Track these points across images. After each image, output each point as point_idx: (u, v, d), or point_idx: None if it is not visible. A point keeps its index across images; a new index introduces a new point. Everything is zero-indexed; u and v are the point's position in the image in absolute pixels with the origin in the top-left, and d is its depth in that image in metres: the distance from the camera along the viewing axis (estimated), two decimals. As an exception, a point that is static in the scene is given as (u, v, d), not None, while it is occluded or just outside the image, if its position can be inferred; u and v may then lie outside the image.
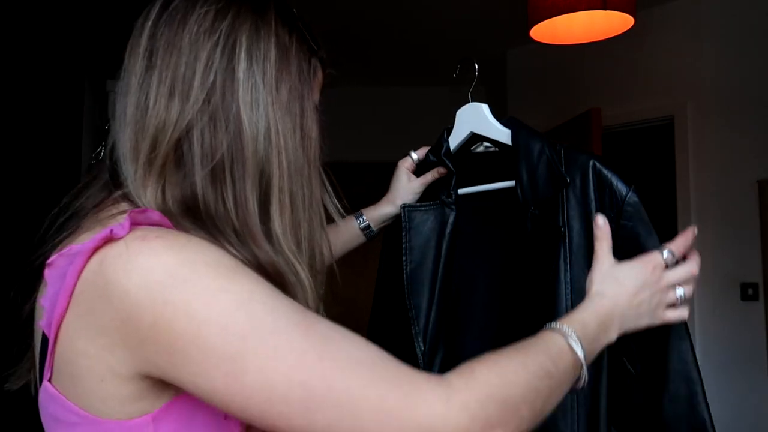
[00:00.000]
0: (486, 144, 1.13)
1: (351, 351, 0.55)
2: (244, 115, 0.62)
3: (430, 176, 1.14)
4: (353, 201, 1.12)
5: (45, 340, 0.58)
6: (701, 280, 3.57)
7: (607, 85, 3.66)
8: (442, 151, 1.12)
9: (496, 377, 0.58)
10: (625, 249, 0.87)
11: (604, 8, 1.78)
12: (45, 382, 0.58)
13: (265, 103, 0.63)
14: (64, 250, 0.58)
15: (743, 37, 3.14)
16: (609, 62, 3.65)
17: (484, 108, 1.12)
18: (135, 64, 0.64)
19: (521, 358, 0.63)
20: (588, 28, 2.04)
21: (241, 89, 0.63)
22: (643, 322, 0.79)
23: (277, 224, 0.63)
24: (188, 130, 0.62)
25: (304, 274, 0.64)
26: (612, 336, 0.75)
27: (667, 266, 0.83)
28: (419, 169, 1.17)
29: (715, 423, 0.93)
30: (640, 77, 3.52)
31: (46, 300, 0.58)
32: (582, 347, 0.68)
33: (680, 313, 0.82)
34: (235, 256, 0.58)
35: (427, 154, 1.16)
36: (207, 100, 0.62)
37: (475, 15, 3.64)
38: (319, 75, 0.73)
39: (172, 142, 0.61)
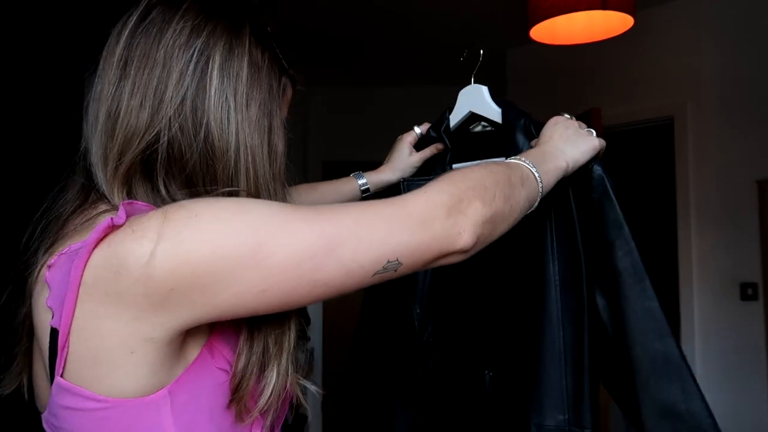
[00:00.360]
0: (483, 123, 1.19)
1: (341, 205, 0.67)
2: (215, 131, 0.65)
3: (428, 152, 1.22)
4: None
5: (53, 339, 0.60)
6: (701, 280, 3.57)
7: (607, 85, 3.66)
8: (442, 127, 1.20)
9: (458, 174, 0.76)
10: (595, 217, 1.01)
11: (604, 8, 1.79)
12: (57, 378, 0.60)
13: (236, 120, 0.66)
14: (64, 250, 0.61)
15: (743, 37, 3.14)
16: (609, 62, 3.65)
17: (484, 89, 1.21)
18: (109, 71, 0.66)
19: (479, 166, 0.80)
20: (588, 28, 2.04)
21: (212, 105, 0.65)
22: (579, 148, 0.96)
23: None
24: (156, 140, 0.64)
25: None
26: (561, 163, 0.92)
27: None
28: (420, 144, 1.25)
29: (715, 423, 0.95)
30: (640, 77, 3.52)
31: (51, 300, 0.60)
32: (533, 165, 0.86)
33: (598, 141, 1.00)
34: None
35: (428, 130, 1.24)
36: (177, 114, 0.64)
37: (475, 15, 3.64)
38: (289, 93, 0.77)
39: (138, 151, 0.64)
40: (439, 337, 1.16)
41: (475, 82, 1.26)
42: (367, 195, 1.25)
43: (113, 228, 0.59)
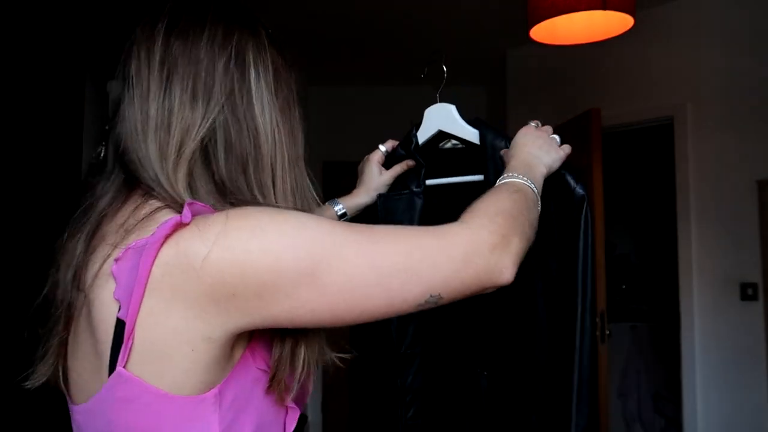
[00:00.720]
0: (454, 141, 1.25)
1: (389, 231, 0.72)
2: (259, 119, 0.73)
3: (399, 168, 1.26)
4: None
5: (118, 331, 0.63)
6: (701, 280, 3.56)
7: (607, 85, 3.66)
8: (412, 145, 1.24)
9: (491, 206, 0.82)
10: (570, 231, 1.10)
11: (604, 8, 1.79)
12: (119, 369, 0.63)
13: (269, 108, 0.74)
14: (131, 244, 0.64)
15: (743, 37, 3.14)
16: (609, 62, 3.65)
17: (452, 108, 1.25)
18: (151, 74, 0.71)
19: (500, 194, 0.87)
20: (588, 28, 2.04)
21: (254, 96, 0.73)
22: (551, 156, 1.04)
23: (283, 207, 0.73)
24: (212, 130, 0.71)
25: None
26: (542, 170, 1.01)
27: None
28: (387, 162, 1.28)
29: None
30: (640, 77, 3.52)
31: (119, 293, 0.63)
32: (531, 181, 0.93)
33: (566, 149, 1.09)
34: None
35: (396, 148, 1.27)
36: (227, 104, 0.72)
37: (475, 15, 3.64)
38: (294, 87, 0.83)
39: (198, 140, 0.70)
40: (422, 345, 1.19)
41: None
42: (346, 219, 1.26)
43: (180, 226, 0.63)
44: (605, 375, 3.18)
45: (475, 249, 0.74)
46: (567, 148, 1.09)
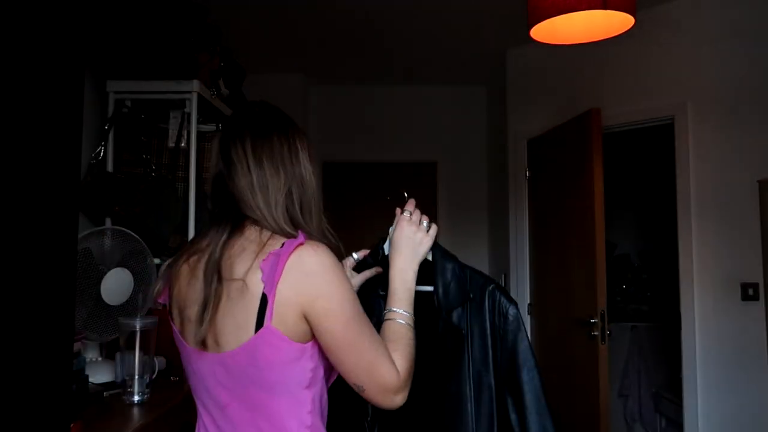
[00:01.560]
0: None
1: (370, 333, 1.14)
2: (307, 178, 1.21)
3: (368, 273, 1.48)
4: (351, 197, 1.64)
5: (263, 302, 1.08)
6: (702, 280, 3.56)
7: (607, 85, 3.66)
8: (379, 256, 1.49)
9: (406, 351, 1.20)
10: (504, 345, 1.40)
11: (604, 8, 1.78)
12: (268, 325, 1.07)
13: (309, 169, 1.22)
14: (273, 251, 1.10)
15: (743, 37, 3.14)
16: (609, 62, 3.65)
17: None
18: (247, 158, 1.17)
19: (404, 337, 1.22)
20: (588, 28, 2.04)
21: (302, 165, 1.21)
22: (422, 249, 1.36)
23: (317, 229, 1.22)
24: (288, 186, 1.18)
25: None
26: (412, 275, 1.33)
27: (411, 217, 1.40)
28: (358, 267, 1.50)
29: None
30: (640, 77, 3.52)
31: (264, 278, 1.08)
32: (408, 312, 1.27)
33: (432, 231, 1.40)
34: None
35: (366, 257, 1.50)
36: (294, 173, 1.20)
37: (475, 15, 3.64)
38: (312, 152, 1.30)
39: (282, 194, 1.17)
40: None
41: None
42: None
43: (300, 245, 1.10)
44: (605, 375, 3.18)
45: (392, 388, 1.13)
46: (433, 230, 1.40)
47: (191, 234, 2.35)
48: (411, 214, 1.38)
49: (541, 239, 3.98)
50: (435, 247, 1.44)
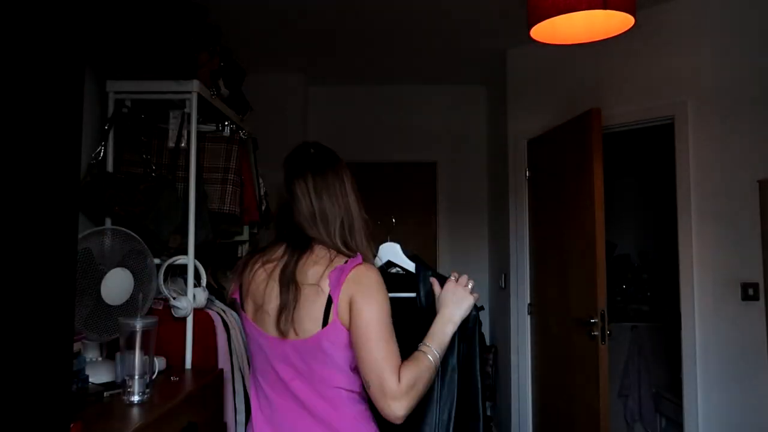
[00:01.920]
0: (397, 268, 1.81)
1: (393, 343, 1.39)
2: (353, 207, 1.51)
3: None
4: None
5: (329, 302, 1.39)
6: (702, 280, 3.55)
7: (607, 85, 3.66)
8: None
9: (420, 381, 1.40)
10: (469, 336, 1.66)
11: (605, 8, 1.78)
12: (335, 318, 1.38)
13: (356, 199, 1.52)
14: (338, 266, 1.42)
15: (743, 37, 3.14)
16: (609, 62, 3.65)
17: (398, 246, 1.82)
18: (309, 192, 1.48)
19: (423, 368, 1.42)
20: (588, 28, 2.04)
21: (349, 195, 1.51)
22: (464, 308, 1.57)
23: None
24: (341, 215, 1.48)
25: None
26: (453, 328, 1.54)
27: (457, 281, 1.63)
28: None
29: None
30: (640, 77, 3.51)
31: (330, 284, 1.40)
32: (437, 352, 1.47)
33: (474, 295, 1.61)
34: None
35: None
36: (345, 205, 1.49)
37: (475, 15, 3.64)
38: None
39: (338, 223, 1.47)
40: None
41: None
42: None
43: (359, 264, 1.42)
44: (605, 375, 3.18)
45: (389, 392, 1.34)
46: (476, 296, 1.60)
47: (191, 234, 2.35)
48: (457, 279, 1.62)
49: (541, 239, 3.98)
50: (418, 260, 1.76)
